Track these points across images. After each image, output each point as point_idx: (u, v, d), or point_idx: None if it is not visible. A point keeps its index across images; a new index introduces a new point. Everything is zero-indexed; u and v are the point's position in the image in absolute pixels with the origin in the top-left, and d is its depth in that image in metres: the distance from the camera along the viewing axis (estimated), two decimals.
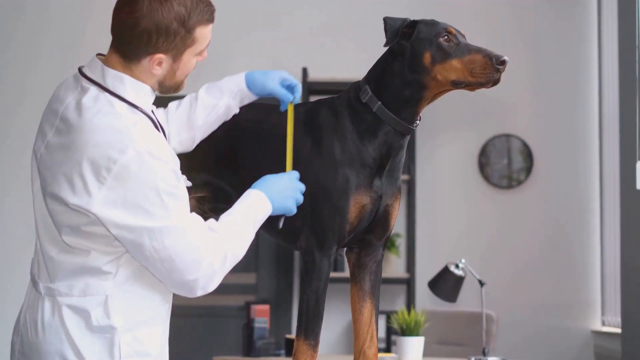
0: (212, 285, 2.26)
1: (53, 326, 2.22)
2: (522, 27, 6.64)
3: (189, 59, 2.29)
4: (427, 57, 2.64)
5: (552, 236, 6.54)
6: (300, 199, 2.49)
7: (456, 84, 2.63)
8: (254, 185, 2.42)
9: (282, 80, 2.69)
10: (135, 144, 2.14)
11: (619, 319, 5.93)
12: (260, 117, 2.81)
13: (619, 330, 5.87)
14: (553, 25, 6.64)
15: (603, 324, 6.39)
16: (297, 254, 6.45)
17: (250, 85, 2.70)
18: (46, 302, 2.24)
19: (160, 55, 2.24)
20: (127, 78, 2.25)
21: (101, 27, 6.48)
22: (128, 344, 2.22)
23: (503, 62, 2.58)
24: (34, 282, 2.30)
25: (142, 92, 2.28)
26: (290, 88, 2.69)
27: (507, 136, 6.61)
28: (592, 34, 6.58)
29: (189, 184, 2.41)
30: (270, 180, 2.44)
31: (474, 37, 2.74)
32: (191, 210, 2.75)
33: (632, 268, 5.46)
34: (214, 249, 2.24)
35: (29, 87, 6.56)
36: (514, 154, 6.62)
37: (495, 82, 2.61)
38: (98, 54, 2.32)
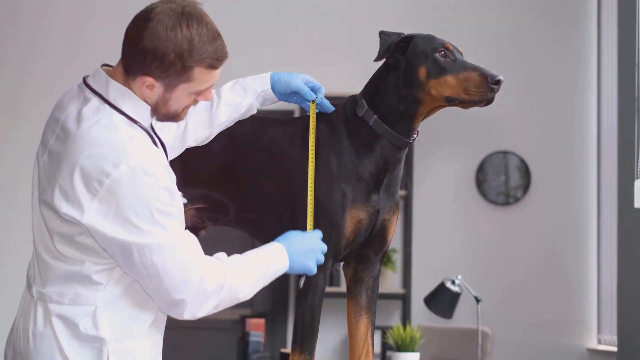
0: (202, 311, 2.22)
1: (45, 336, 2.21)
2: (520, 44, 6.65)
3: (183, 94, 2.25)
4: (422, 72, 2.64)
5: (549, 253, 6.53)
6: (321, 259, 2.48)
7: (450, 101, 2.62)
8: (277, 239, 2.42)
9: (306, 81, 2.74)
10: (129, 159, 2.12)
11: (615, 338, 5.92)
12: (257, 130, 2.80)
13: (615, 349, 5.86)
14: (551, 41, 6.65)
15: (599, 342, 6.37)
16: None
17: (274, 84, 2.73)
18: (39, 308, 2.23)
19: (151, 79, 2.20)
20: (129, 92, 2.23)
21: (100, 33, 6.53)
22: (117, 354, 2.21)
23: (498, 82, 2.57)
24: (29, 286, 2.30)
25: (142, 109, 2.26)
26: (313, 90, 2.74)
27: (505, 153, 6.62)
28: (591, 51, 6.59)
29: (184, 200, 2.39)
30: (293, 236, 2.43)
31: (470, 54, 2.73)
32: (189, 220, 2.75)
33: (629, 286, 5.45)
34: (210, 273, 2.21)
35: (29, 91, 6.56)
36: (511, 171, 6.61)
37: (489, 101, 2.60)
38: (103, 65, 2.31)
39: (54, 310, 2.21)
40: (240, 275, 2.27)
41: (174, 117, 2.31)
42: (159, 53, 2.16)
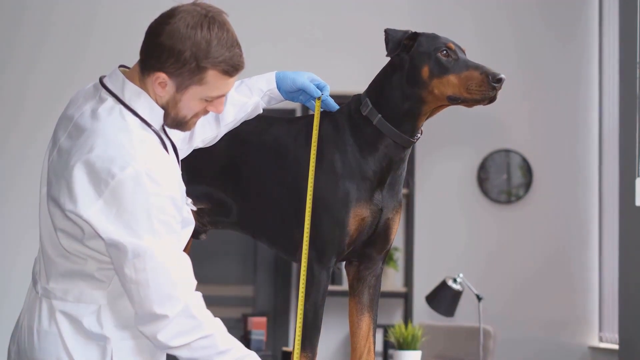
0: (179, 339, 2.15)
1: (49, 334, 2.22)
2: (522, 43, 6.66)
3: (194, 98, 2.24)
4: (425, 71, 2.64)
5: (551, 251, 6.54)
6: None
7: (452, 100, 2.63)
8: None
9: (311, 79, 2.75)
10: (136, 163, 2.12)
11: (616, 335, 5.92)
12: (262, 128, 2.81)
13: (616, 347, 5.87)
14: (553, 40, 6.65)
15: (601, 340, 6.38)
16: (295, 266, 6.45)
17: (280, 82, 2.73)
18: (43, 305, 2.24)
19: (164, 76, 2.20)
20: (144, 94, 2.23)
21: (103, 35, 6.54)
22: (121, 353, 2.22)
23: (499, 80, 2.57)
24: (34, 282, 2.31)
25: (155, 112, 2.25)
26: (319, 88, 2.75)
27: (507, 151, 6.62)
28: (592, 49, 6.60)
29: (194, 207, 2.39)
30: None
31: (473, 53, 2.74)
32: None
33: (630, 284, 5.46)
34: (200, 304, 2.18)
35: (31, 90, 6.58)
36: (513, 169, 6.62)
37: (491, 100, 2.60)
38: (120, 66, 2.31)
39: (59, 307, 2.22)
40: (228, 341, 2.21)
41: (183, 123, 2.29)
42: (176, 49, 2.16)
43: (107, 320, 2.21)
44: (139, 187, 2.11)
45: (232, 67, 2.22)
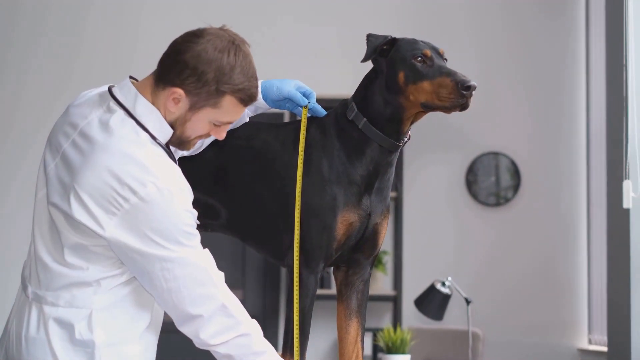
0: (219, 337, 2.26)
1: (37, 340, 2.22)
2: (511, 45, 6.66)
3: (204, 120, 2.28)
4: (401, 77, 2.63)
5: (540, 254, 6.55)
6: None
7: (426, 107, 2.61)
8: None
9: (297, 87, 2.76)
10: (156, 180, 2.15)
11: (605, 338, 5.93)
12: (250, 134, 2.80)
13: (605, 349, 5.87)
14: (541, 43, 6.66)
15: (590, 342, 6.39)
16: (284, 270, 6.44)
17: (265, 91, 2.74)
18: (33, 310, 2.24)
19: (180, 92, 2.22)
20: (156, 112, 2.26)
21: (98, 36, 6.52)
22: (110, 359, 2.21)
23: (468, 88, 2.54)
24: (24, 286, 2.30)
25: (165, 130, 2.27)
26: (305, 95, 2.76)
27: (495, 154, 6.62)
28: (580, 52, 6.61)
29: (197, 222, 2.40)
30: None
31: (463, 54, 2.73)
32: None
33: (619, 286, 5.46)
34: (236, 302, 2.28)
35: (29, 90, 6.56)
36: (501, 172, 6.62)
37: (463, 107, 2.57)
38: (131, 77, 2.31)
39: (49, 313, 2.22)
40: (263, 344, 2.34)
41: (185, 143, 2.33)
42: (199, 69, 2.20)
43: (98, 326, 2.21)
44: (162, 203, 2.16)
45: (248, 97, 2.28)
